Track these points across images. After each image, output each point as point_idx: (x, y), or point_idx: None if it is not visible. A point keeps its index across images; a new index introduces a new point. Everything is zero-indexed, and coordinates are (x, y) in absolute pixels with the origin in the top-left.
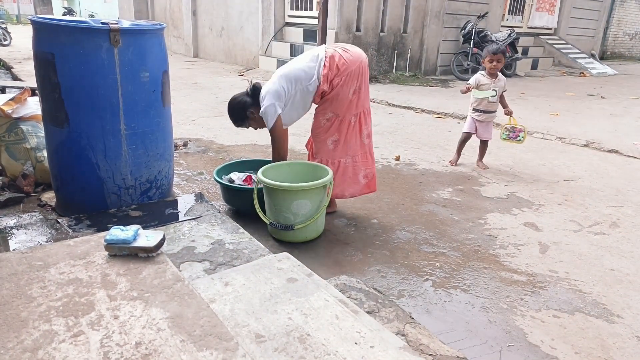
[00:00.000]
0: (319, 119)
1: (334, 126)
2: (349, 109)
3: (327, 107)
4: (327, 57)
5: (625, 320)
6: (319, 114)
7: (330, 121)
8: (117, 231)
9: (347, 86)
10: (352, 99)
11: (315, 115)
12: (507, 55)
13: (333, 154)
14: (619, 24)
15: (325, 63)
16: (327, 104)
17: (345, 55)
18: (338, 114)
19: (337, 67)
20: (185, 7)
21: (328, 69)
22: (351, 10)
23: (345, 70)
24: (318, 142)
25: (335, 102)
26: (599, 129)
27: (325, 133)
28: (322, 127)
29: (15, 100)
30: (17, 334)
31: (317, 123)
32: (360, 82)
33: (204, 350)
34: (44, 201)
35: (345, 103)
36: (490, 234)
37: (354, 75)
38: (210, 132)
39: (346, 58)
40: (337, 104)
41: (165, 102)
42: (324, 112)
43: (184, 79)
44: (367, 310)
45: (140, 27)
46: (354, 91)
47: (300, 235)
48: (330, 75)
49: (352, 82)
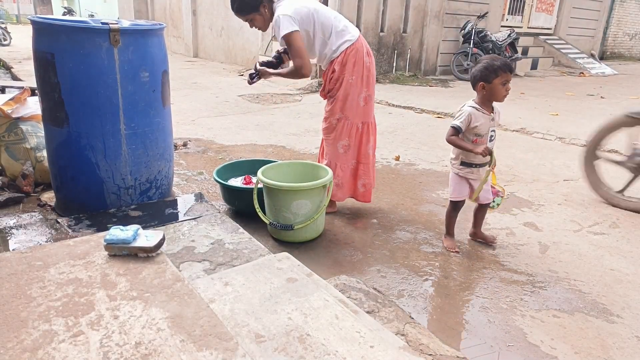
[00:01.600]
0: (329, 119)
1: (345, 129)
2: (357, 114)
3: (337, 107)
4: (355, 46)
5: (625, 320)
6: (329, 114)
7: (340, 122)
8: (116, 231)
9: (356, 88)
10: (361, 104)
11: (326, 115)
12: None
13: (344, 158)
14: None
15: (349, 49)
16: (336, 103)
17: (366, 59)
18: (347, 117)
19: (355, 63)
20: (185, 7)
21: (346, 55)
22: (351, 10)
23: (359, 70)
24: (329, 144)
25: (345, 103)
26: None
27: (336, 134)
28: (332, 126)
29: (15, 100)
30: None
31: (328, 123)
32: (370, 91)
33: (203, 350)
34: (43, 201)
35: (354, 106)
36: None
37: (364, 81)
38: (210, 132)
39: (365, 61)
40: (347, 105)
41: (165, 102)
42: (333, 112)
43: (184, 79)
44: (367, 310)
45: (140, 27)
46: (363, 98)
47: (300, 235)
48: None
49: (362, 87)
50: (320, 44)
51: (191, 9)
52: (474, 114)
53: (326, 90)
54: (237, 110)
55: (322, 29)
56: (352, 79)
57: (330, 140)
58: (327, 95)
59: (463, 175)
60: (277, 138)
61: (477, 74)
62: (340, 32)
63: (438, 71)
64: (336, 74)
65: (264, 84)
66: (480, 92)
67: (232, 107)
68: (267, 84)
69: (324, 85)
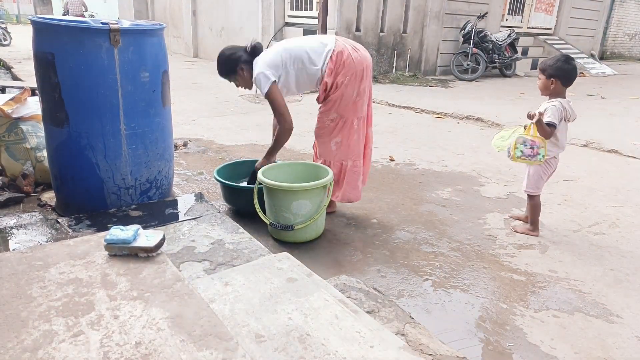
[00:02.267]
0: (323, 119)
1: (338, 127)
2: (353, 111)
3: (332, 108)
4: (336, 52)
5: (625, 320)
6: (323, 114)
7: (335, 122)
8: (117, 231)
9: (351, 87)
10: (356, 100)
11: (320, 115)
12: (507, 56)
13: (335, 155)
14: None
15: (333, 56)
16: (331, 104)
17: (354, 54)
18: (342, 116)
19: (344, 64)
20: (185, 7)
21: (334, 63)
22: (351, 10)
23: (350, 69)
24: (321, 143)
25: (340, 102)
26: (598, 129)
27: (329, 134)
28: (326, 127)
29: (15, 100)
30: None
31: (322, 124)
32: (365, 84)
33: (203, 350)
34: (43, 201)
35: (350, 104)
36: (490, 234)
37: (358, 77)
38: (210, 132)
39: (354, 57)
40: (342, 105)
41: (165, 102)
42: (328, 112)
43: (184, 79)
44: (367, 310)
45: (140, 27)
46: (357, 93)
47: (300, 235)
48: (335, 71)
49: (356, 84)
50: (306, 72)
51: (191, 9)
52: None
53: (322, 98)
54: (237, 110)
55: (299, 57)
56: (346, 80)
57: (324, 140)
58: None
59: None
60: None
61: (558, 72)
62: (317, 50)
63: (438, 71)
64: (329, 84)
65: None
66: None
67: (232, 107)
68: None
69: (319, 95)
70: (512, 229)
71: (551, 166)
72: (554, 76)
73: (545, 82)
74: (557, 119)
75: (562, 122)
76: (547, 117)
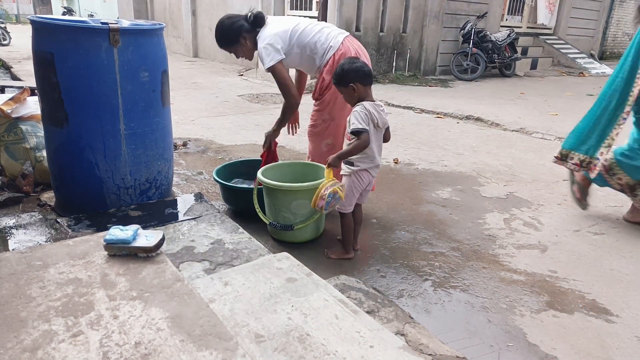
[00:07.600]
0: (316, 120)
1: (330, 129)
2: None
3: (325, 109)
4: (340, 52)
5: (624, 320)
6: (317, 114)
7: (326, 122)
8: (116, 231)
9: None
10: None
11: (313, 114)
12: (507, 55)
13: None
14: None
15: (336, 56)
16: (324, 105)
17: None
18: (334, 118)
19: None
20: (185, 7)
21: (335, 63)
22: (351, 10)
23: None
24: (313, 143)
25: (334, 105)
26: None
27: (321, 135)
28: (318, 127)
29: (15, 100)
30: (17, 334)
31: (314, 124)
32: None
33: (203, 350)
34: (43, 201)
35: (343, 108)
36: (489, 234)
37: None
38: (209, 132)
39: None
40: (336, 107)
41: (165, 102)
42: (321, 113)
43: (183, 79)
44: (367, 310)
45: (140, 27)
46: None
47: (300, 235)
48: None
49: None
50: (308, 59)
51: (191, 9)
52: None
53: (317, 95)
54: (237, 110)
55: (307, 45)
56: None
57: (314, 139)
58: (318, 98)
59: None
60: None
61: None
62: (324, 42)
63: (438, 71)
64: (325, 82)
65: (263, 84)
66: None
67: (232, 107)
68: (267, 84)
69: (315, 91)
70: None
71: (363, 180)
72: (352, 81)
73: (347, 92)
74: (363, 122)
75: (371, 128)
76: (350, 126)
